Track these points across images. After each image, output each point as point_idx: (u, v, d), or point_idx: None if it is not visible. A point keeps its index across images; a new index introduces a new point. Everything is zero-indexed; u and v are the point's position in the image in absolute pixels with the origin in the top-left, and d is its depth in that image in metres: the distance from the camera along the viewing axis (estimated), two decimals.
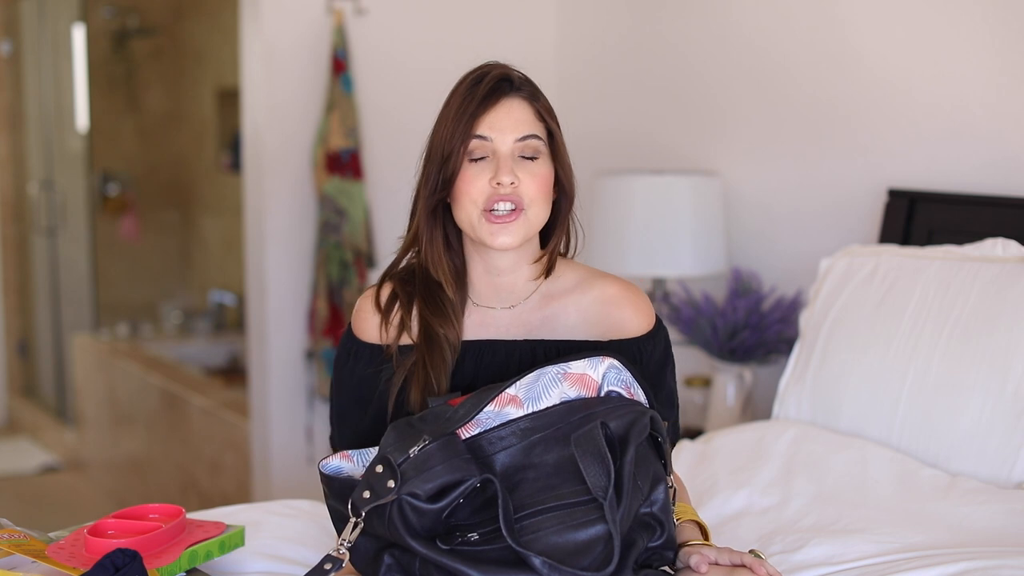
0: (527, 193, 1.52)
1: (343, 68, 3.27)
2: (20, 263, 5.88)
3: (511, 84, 1.54)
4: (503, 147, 1.52)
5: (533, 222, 1.55)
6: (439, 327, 1.58)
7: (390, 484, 1.37)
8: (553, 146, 1.56)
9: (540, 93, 1.58)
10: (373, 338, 1.64)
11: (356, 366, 1.64)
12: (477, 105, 1.52)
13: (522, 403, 1.47)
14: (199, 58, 5.70)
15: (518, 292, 1.62)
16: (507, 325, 1.61)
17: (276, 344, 3.40)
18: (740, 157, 3.01)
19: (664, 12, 3.21)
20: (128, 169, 5.79)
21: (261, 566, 1.71)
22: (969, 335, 2.06)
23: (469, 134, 1.52)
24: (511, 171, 1.51)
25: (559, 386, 1.47)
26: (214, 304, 5.57)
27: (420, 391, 1.56)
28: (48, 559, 1.49)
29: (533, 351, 1.58)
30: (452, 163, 1.52)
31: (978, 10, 2.44)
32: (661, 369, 1.65)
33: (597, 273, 1.66)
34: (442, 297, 1.60)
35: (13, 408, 5.92)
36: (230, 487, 3.88)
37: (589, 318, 1.61)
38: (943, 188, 2.51)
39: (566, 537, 1.36)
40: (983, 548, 1.71)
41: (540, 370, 1.46)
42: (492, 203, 1.52)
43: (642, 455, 1.44)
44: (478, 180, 1.52)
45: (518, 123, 1.53)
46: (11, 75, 5.79)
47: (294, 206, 3.37)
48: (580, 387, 1.48)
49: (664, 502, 1.46)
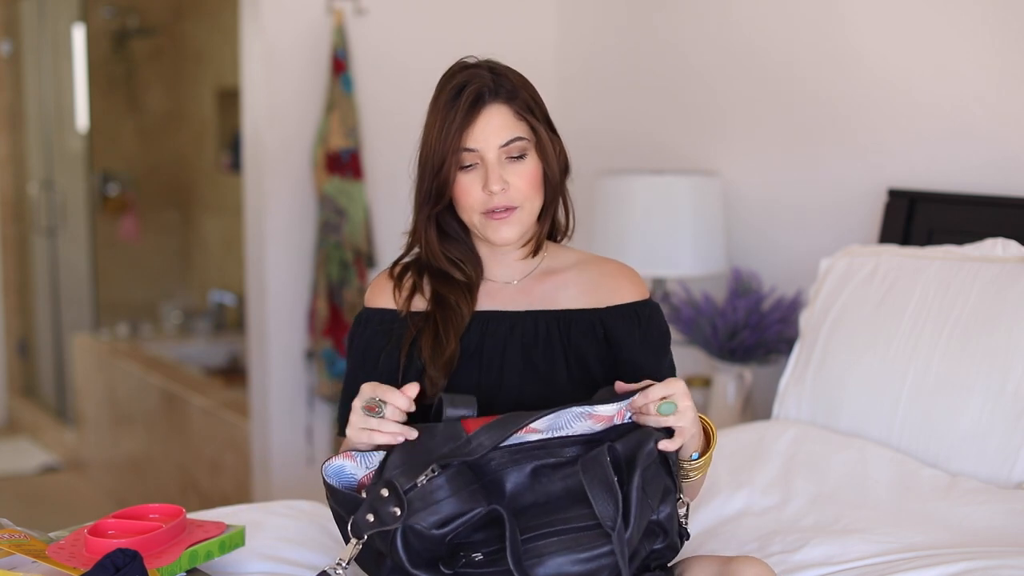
0: (518, 193, 1.61)
1: (343, 68, 3.27)
2: (20, 263, 5.88)
3: (490, 91, 1.60)
4: (489, 154, 1.60)
5: (529, 216, 1.64)
6: (451, 295, 1.66)
7: (396, 512, 1.38)
8: (537, 139, 1.63)
9: (518, 88, 1.63)
10: (385, 304, 1.71)
11: (365, 332, 1.70)
12: (461, 120, 1.59)
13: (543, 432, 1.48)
14: (199, 58, 5.69)
15: (522, 268, 1.72)
16: (512, 297, 1.70)
17: (276, 344, 3.40)
18: (740, 157, 3.01)
19: (664, 12, 3.21)
20: (128, 169, 5.79)
21: (261, 566, 1.71)
22: (969, 335, 2.06)
23: (456, 148, 1.59)
24: (500, 178, 1.59)
25: (583, 422, 1.48)
26: (214, 304, 5.57)
27: (430, 348, 1.62)
28: (48, 559, 1.50)
29: (535, 321, 1.66)
30: (443, 175, 1.60)
31: (978, 10, 2.44)
32: (663, 341, 1.71)
33: (596, 256, 1.77)
34: (453, 274, 1.69)
35: (13, 408, 5.92)
36: (230, 487, 3.88)
37: (587, 290, 1.70)
38: (943, 188, 2.51)
39: (572, 561, 1.37)
40: (983, 548, 1.71)
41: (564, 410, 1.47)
42: (489, 209, 1.61)
43: (652, 472, 1.45)
44: (472, 189, 1.61)
45: (500, 129, 1.60)
46: (11, 75, 5.79)
47: (294, 206, 3.37)
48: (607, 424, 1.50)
49: (670, 512, 1.47)
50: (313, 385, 3.39)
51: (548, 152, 1.64)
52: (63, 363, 5.52)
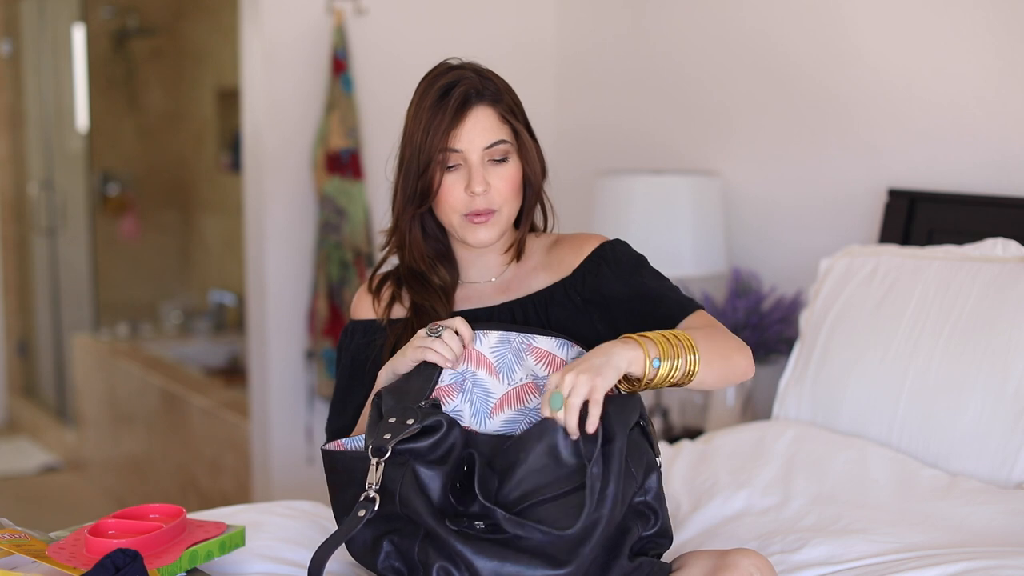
0: (499, 195, 1.65)
1: (343, 68, 3.27)
2: (20, 263, 5.88)
3: (477, 92, 1.63)
4: (473, 156, 1.63)
5: (506, 219, 1.68)
6: (426, 301, 1.70)
7: (410, 421, 1.45)
8: (519, 142, 1.66)
9: (502, 92, 1.66)
10: (367, 315, 1.77)
11: (351, 343, 1.76)
12: (449, 121, 1.61)
13: (496, 371, 1.57)
14: (199, 58, 5.69)
15: (498, 268, 1.75)
16: (490, 296, 1.74)
17: (276, 344, 3.40)
18: (740, 157, 3.01)
19: (664, 12, 3.21)
20: (128, 169, 5.79)
21: (261, 567, 1.71)
22: (969, 335, 2.06)
23: (443, 147, 1.62)
24: (483, 179, 1.63)
25: (525, 360, 1.57)
26: (214, 304, 5.57)
27: None
28: (48, 559, 1.50)
29: (511, 311, 1.70)
30: (428, 175, 1.63)
31: (978, 10, 2.44)
32: (638, 264, 1.70)
33: (562, 235, 1.80)
34: (429, 279, 1.72)
35: (13, 408, 5.92)
36: (230, 487, 3.88)
37: (553, 268, 1.74)
38: (943, 188, 2.51)
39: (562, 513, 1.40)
40: (983, 548, 1.71)
41: (505, 334, 1.58)
42: (470, 211, 1.64)
43: (634, 442, 1.48)
44: (455, 189, 1.63)
45: (485, 132, 1.63)
46: (11, 75, 5.79)
47: (294, 206, 3.37)
48: (549, 366, 1.57)
49: (657, 490, 1.51)
50: (313, 385, 3.39)
51: (530, 155, 1.67)
52: (63, 363, 5.52)
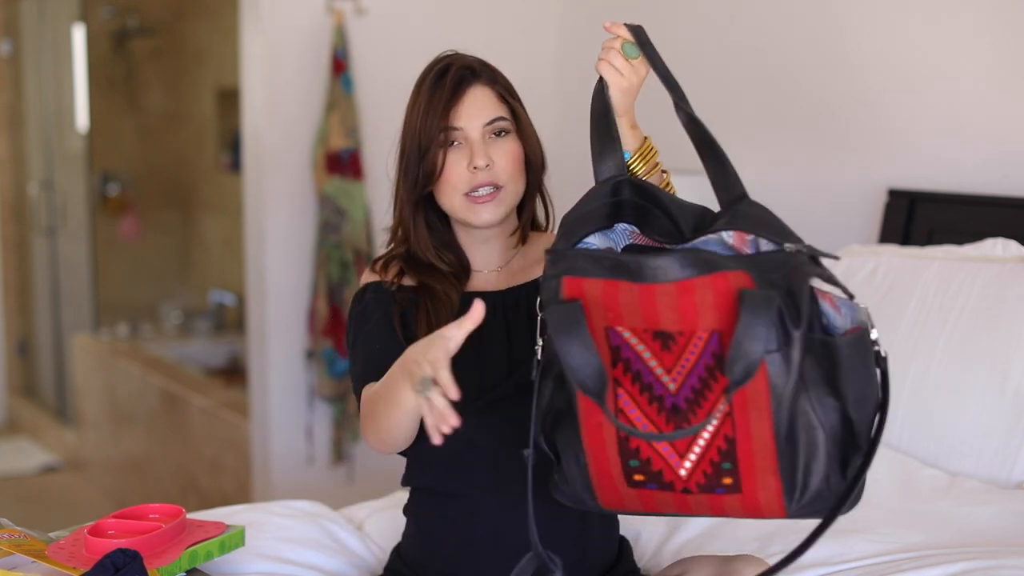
0: (502, 171, 1.63)
1: (343, 68, 3.27)
2: (20, 263, 5.88)
3: (473, 72, 1.66)
4: (473, 133, 1.63)
5: (510, 198, 1.66)
6: (437, 284, 1.68)
7: None
8: (518, 123, 1.67)
9: (497, 75, 1.69)
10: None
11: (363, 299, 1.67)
12: (448, 98, 1.63)
13: None
14: (199, 58, 5.69)
15: (503, 255, 1.74)
16: (495, 283, 1.73)
17: (276, 344, 3.40)
18: (740, 157, 3.00)
19: (664, 14, 3.21)
20: (128, 169, 5.79)
21: (261, 567, 1.71)
22: (969, 335, 2.06)
23: (443, 126, 1.63)
24: (485, 154, 1.62)
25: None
26: (214, 304, 5.57)
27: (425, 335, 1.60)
28: (48, 559, 1.50)
29: (516, 296, 1.69)
30: (431, 155, 1.63)
31: (978, 10, 2.44)
32: None
33: None
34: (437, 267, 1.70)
35: (13, 408, 5.92)
36: (230, 487, 3.88)
37: None
38: (943, 188, 2.51)
39: None
40: (983, 548, 1.71)
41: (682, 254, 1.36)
42: (472, 187, 1.62)
43: None
44: (457, 167, 1.62)
45: (483, 109, 1.64)
46: (11, 75, 5.79)
47: (294, 206, 3.37)
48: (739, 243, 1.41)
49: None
50: (313, 385, 3.39)
51: (529, 136, 1.68)
52: (63, 363, 5.52)
